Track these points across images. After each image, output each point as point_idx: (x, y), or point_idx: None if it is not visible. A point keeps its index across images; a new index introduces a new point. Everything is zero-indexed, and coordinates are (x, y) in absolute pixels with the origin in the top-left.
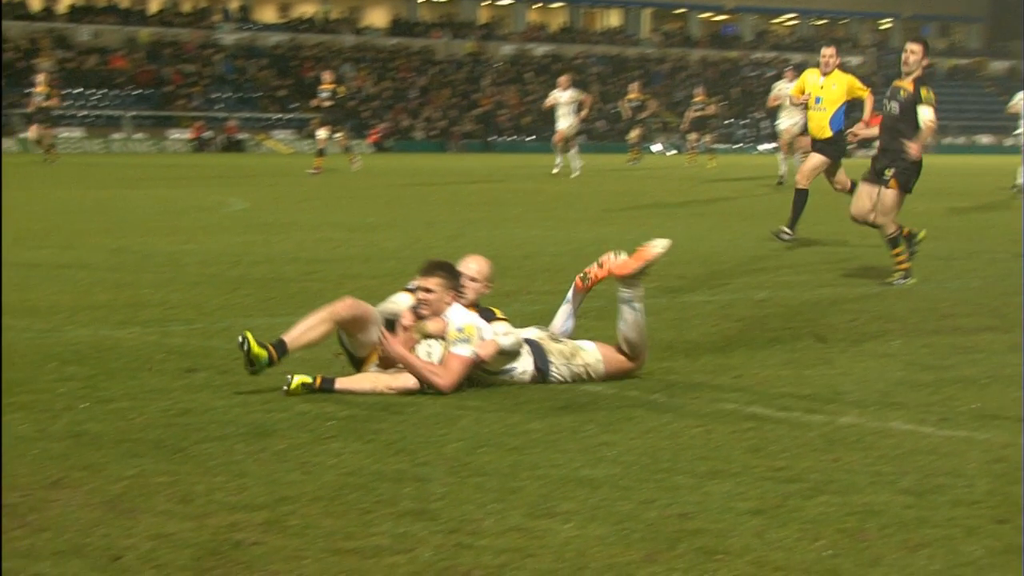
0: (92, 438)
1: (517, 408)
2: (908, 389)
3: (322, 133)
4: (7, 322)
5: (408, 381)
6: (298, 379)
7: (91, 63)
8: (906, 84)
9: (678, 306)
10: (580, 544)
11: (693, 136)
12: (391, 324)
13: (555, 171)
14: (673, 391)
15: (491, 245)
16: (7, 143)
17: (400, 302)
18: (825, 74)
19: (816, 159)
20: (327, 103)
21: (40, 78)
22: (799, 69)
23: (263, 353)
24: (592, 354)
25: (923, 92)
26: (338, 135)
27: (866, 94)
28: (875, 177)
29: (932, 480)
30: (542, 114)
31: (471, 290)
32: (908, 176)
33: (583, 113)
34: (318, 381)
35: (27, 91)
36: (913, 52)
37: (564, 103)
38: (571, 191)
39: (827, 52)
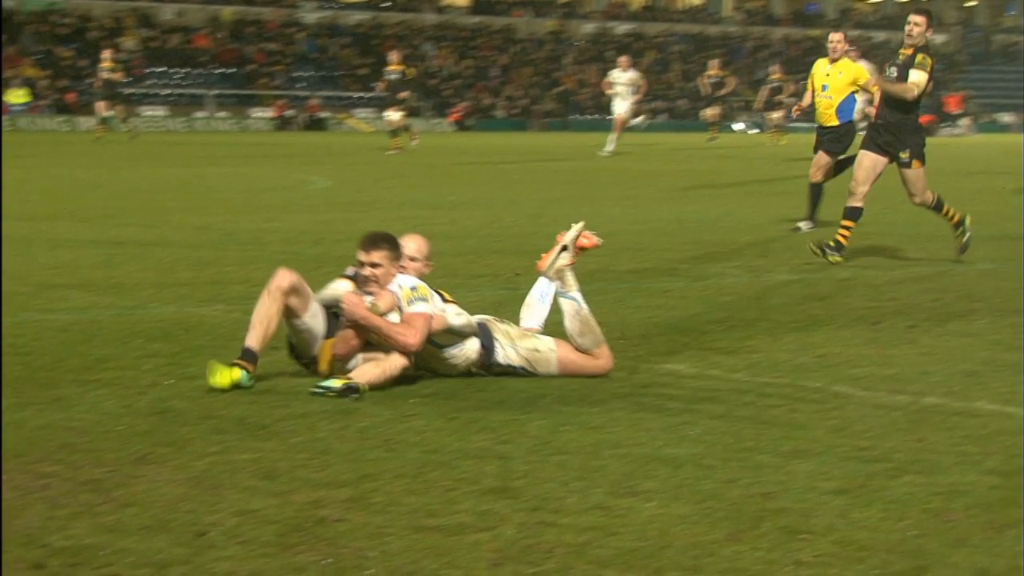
0: (177, 415)
1: (599, 387)
2: (993, 369)
3: (392, 114)
4: (92, 299)
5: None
6: (333, 382)
7: (174, 42)
8: (906, 51)
9: (760, 285)
10: (663, 523)
11: (776, 115)
12: (335, 314)
13: (607, 151)
14: (756, 370)
15: (572, 222)
16: (88, 121)
17: (339, 288)
18: (833, 61)
19: (822, 158)
20: (393, 87)
21: (105, 54)
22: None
23: (235, 374)
24: (546, 343)
25: (918, 57)
26: (393, 115)
27: (872, 88)
28: (878, 150)
29: (1017, 461)
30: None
31: (412, 269)
32: (922, 149)
33: (637, 96)
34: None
35: (95, 68)
36: (916, 24)
37: (622, 84)
38: (652, 169)
39: (835, 38)
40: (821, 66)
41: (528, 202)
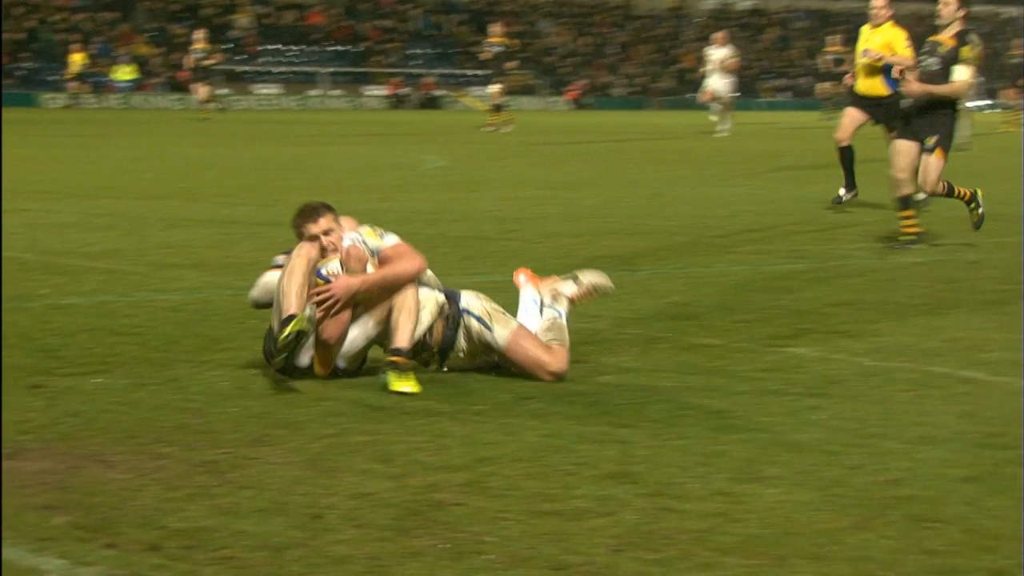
0: (292, 396)
1: (719, 371)
2: None
3: (494, 88)
4: (207, 279)
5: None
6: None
7: (288, 19)
8: (945, 39)
9: (887, 268)
10: (787, 509)
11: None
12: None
13: (720, 133)
14: (882, 354)
15: (692, 203)
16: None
17: (271, 278)
18: (875, 26)
19: (858, 118)
20: (498, 59)
21: (198, 35)
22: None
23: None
24: (509, 323)
25: (964, 51)
26: (495, 88)
27: (909, 55)
28: (912, 136)
29: None
30: (743, 71)
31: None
32: (950, 139)
33: (730, 71)
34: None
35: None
36: (946, 4)
37: (717, 60)
38: (773, 149)
39: (877, 3)
40: (864, 33)
41: (647, 182)
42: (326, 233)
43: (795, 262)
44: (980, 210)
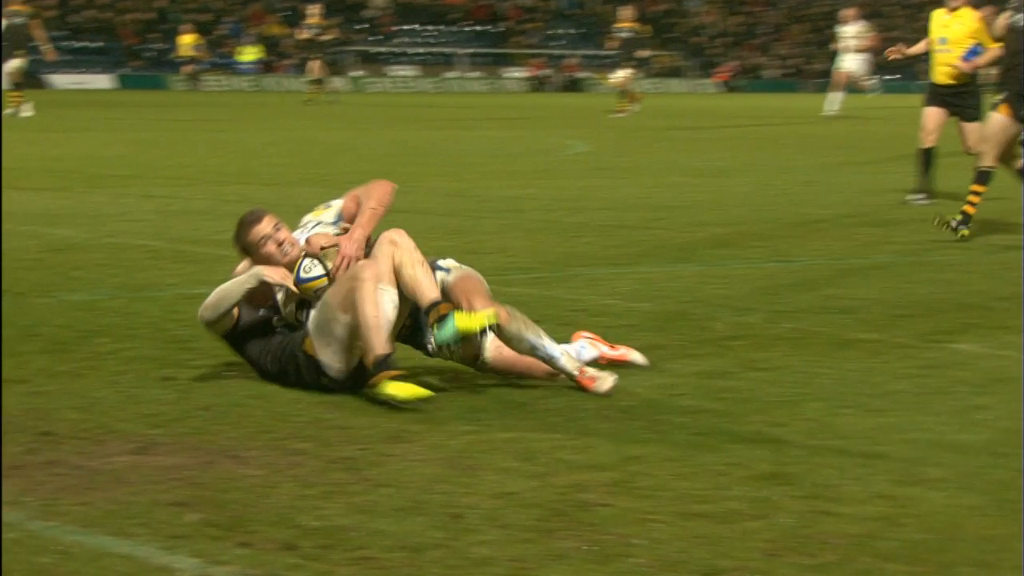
0: (432, 391)
1: (878, 368)
2: None
3: (620, 73)
4: None
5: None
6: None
7: None
8: None
9: None
10: (952, 514)
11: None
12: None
13: (829, 112)
14: None
15: (849, 190)
16: (337, 82)
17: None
18: (952, 10)
19: (939, 117)
20: (626, 45)
21: (313, 9)
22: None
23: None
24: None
25: None
26: (624, 73)
27: (996, 47)
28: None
29: None
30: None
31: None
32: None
33: (867, 50)
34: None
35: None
36: None
37: (848, 38)
38: None
39: None
40: (938, 17)
41: (801, 168)
42: (276, 229)
43: (959, 253)
44: (961, 226)
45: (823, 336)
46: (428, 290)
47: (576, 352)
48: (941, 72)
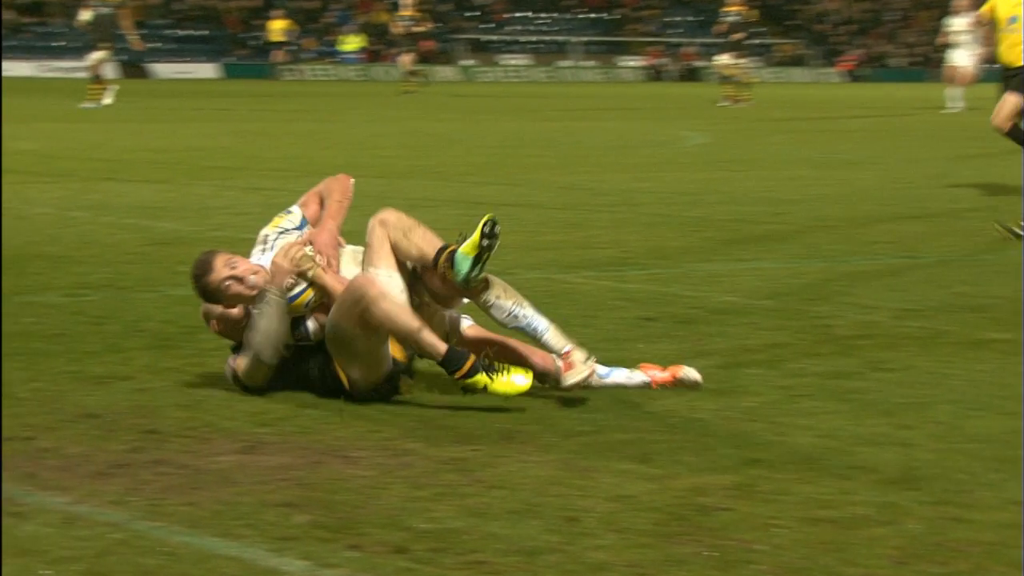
0: (543, 390)
1: (1012, 369)
2: None
3: (725, 59)
4: None
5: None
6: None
7: None
8: None
9: None
10: None
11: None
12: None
13: (951, 109)
14: None
15: (980, 184)
16: (445, 71)
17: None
18: None
19: (1011, 102)
20: (738, 35)
21: (407, 0)
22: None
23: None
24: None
25: None
26: (728, 59)
27: None
28: None
29: None
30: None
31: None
32: None
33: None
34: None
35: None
36: None
37: (960, 32)
38: None
39: None
40: None
41: (929, 160)
42: (232, 267)
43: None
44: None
45: (953, 335)
46: (431, 248)
47: (626, 376)
48: (1011, 52)
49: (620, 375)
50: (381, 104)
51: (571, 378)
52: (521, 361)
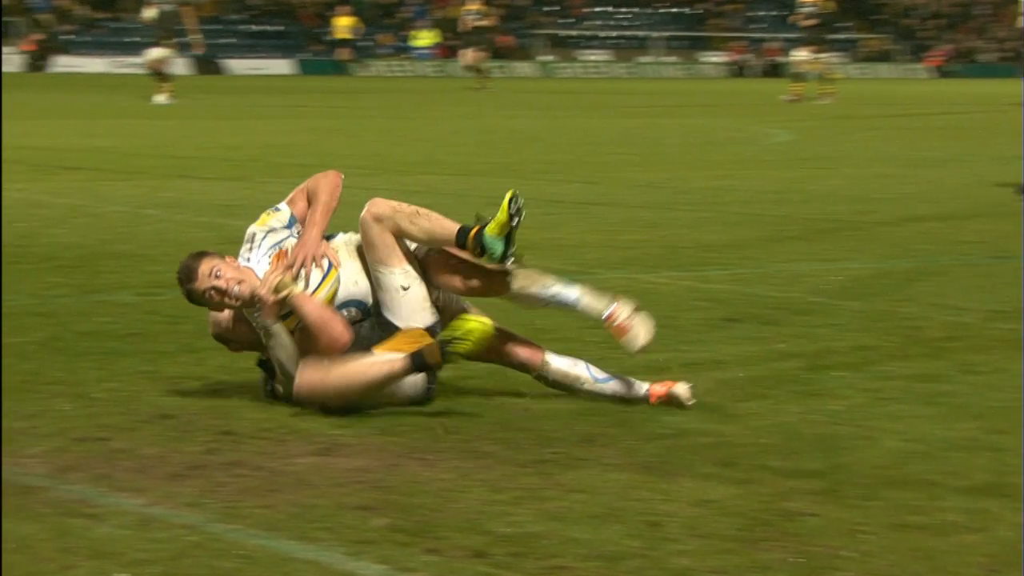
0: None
1: None
2: None
3: (801, 54)
4: (532, 262)
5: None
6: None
7: None
8: None
9: None
10: None
11: None
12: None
13: None
14: None
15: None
16: (522, 67)
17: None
18: None
19: None
20: (809, 21)
21: None
22: None
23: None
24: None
25: None
26: (805, 53)
27: None
28: None
29: None
30: None
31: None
32: None
33: None
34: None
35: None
36: None
37: None
38: None
39: None
40: None
41: (1020, 159)
42: (216, 276)
43: None
44: None
45: None
46: (444, 230)
47: (625, 387)
48: None
49: (619, 385)
50: (458, 100)
51: (634, 342)
52: (504, 357)
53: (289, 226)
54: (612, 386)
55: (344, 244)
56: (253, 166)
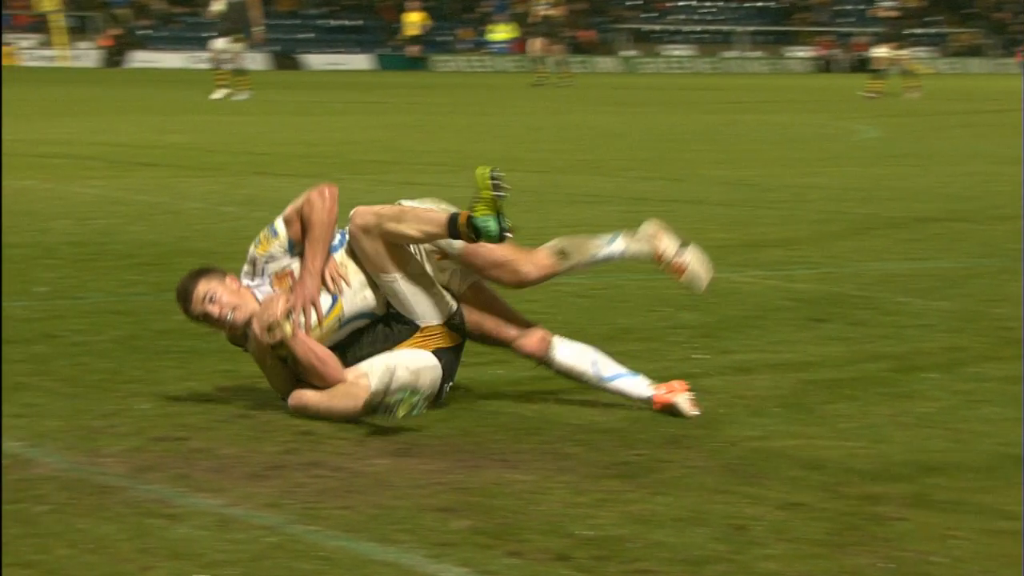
0: (709, 393)
1: None
2: None
3: (882, 51)
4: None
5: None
6: None
7: None
8: None
9: None
10: None
11: None
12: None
13: None
14: None
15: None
16: (605, 62)
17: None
18: None
19: None
20: (889, 14)
21: None
22: None
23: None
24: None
25: None
26: (886, 50)
27: None
28: None
29: None
30: None
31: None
32: None
33: None
34: None
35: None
36: None
37: None
38: None
39: None
40: None
41: None
42: (211, 300)
43: None
44: None
45: None
46: (434, 224)
47: (631, 385)
48: None
49: (625, 383)
50: (537, 96)
51: (697, 283)
52: (510, 343)
53: (289, 250)
54: (616, 385)
55: (346, 256)
56: (330, 163)
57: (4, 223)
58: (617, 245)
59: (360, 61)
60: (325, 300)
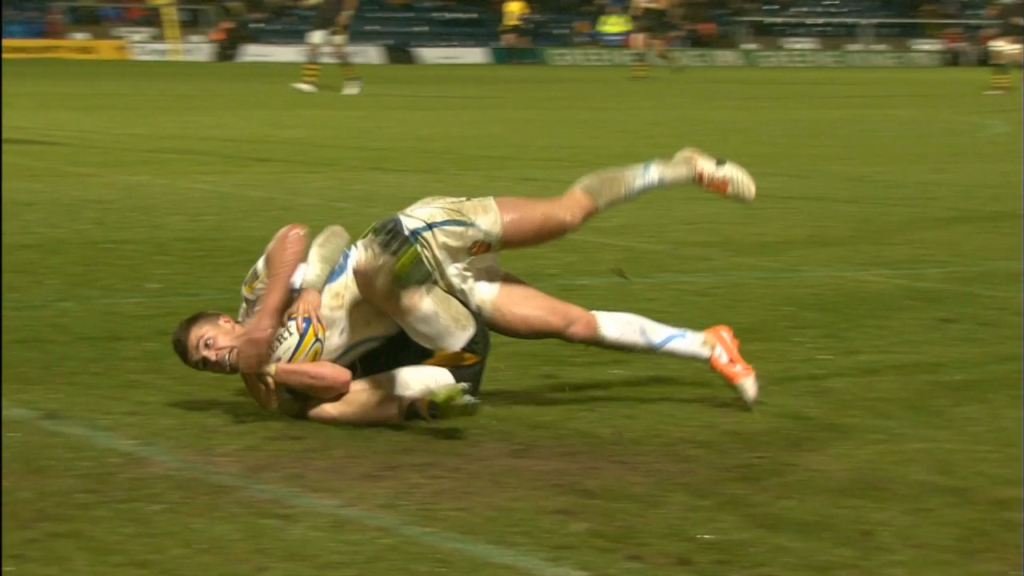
0: (835, 395)
1: None
2: None
3: (1000, 44)
4: (735, 260)
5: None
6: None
7: None
8: None
9: None
10: None
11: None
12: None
13: None
14: None
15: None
16: (724, 56)
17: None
18: None
19: None
20: (1001, 8)
21: None
22: None
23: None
24: (486, 205)
25: None
26: (1005, 44)
27: None
28: None
29: None
30: None
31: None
32: None
33: None
34: None
35: None
36: None
37: None
38: None
39: None
40: None
41: None
42: (207, 345)
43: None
44: None
45: None
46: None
47: (685, 344)
48: None
49: (678, 344)
50: (657, 90)
51: (744, 191)
52: (559, 334)
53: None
54: (671, 347)
55: (345, 290)
56: (446, 158)
57: (117, 219)
58: (652, 173)
59: (474, 55)
60: (292, 336)
